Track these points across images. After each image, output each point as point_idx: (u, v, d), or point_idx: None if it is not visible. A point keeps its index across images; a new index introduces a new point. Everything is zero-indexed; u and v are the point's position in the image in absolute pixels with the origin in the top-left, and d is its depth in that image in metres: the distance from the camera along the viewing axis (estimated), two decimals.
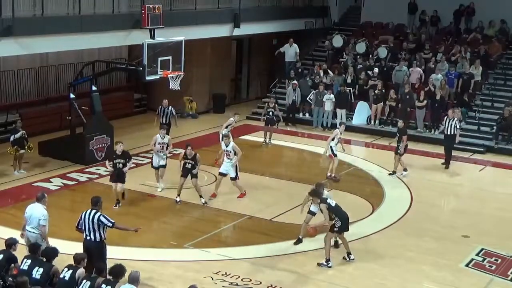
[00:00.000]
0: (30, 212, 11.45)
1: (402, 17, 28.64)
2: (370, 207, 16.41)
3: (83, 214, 11.25)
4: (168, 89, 19.04)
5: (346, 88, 24.33)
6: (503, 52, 26.05)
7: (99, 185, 16.51)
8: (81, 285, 9.59)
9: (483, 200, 17.58)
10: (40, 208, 11.43)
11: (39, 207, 11.46)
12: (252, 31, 26.40)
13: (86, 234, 11.21)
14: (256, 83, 29.88)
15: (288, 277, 12.46)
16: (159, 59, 17.97)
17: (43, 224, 11.30)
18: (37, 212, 11.38)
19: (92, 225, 11.10)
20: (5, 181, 17.23)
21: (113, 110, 23.00)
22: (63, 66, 23.38)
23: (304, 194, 17.17)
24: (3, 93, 21.90)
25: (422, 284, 12.52)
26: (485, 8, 26.89)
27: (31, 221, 11.38)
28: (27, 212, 11.51)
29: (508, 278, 12.85)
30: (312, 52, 28.86)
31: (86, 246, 11.13)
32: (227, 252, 13.48)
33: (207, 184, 17.57)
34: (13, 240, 10.60)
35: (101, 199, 11.57)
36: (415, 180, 18.78)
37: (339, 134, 18.36)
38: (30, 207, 11.56)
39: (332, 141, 18.24)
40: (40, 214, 11.32)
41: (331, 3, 30.80)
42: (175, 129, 20.67)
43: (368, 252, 13.73)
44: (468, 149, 21.94)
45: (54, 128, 21.09)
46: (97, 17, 19.21)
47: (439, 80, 23.47)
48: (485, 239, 14.61)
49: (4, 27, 16.48)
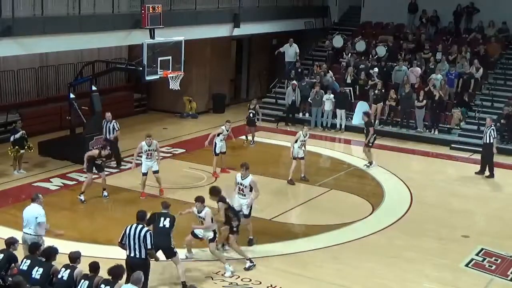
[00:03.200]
0: (26, 214, 11.44)
1: (402, 17, 28.64)
2: (370, 207, 16.40)
3: (128, 229, 10.74)
4: (168, 89, 19.06)
5: (346, 88, 24.34)
6: (503, 52, 26.05)
7: (99, 185, 16.47)
8: (79, 284, 9.58)
9: (483, 200, 17.58)
10: (35, 207, 11.43)
11: (34, 207, 11.46)
12: (252, 31, 26.40)
13: (130, 250, 10.67)
14: (256, 83, 29.88)
15: (288, 277, 12.45)
16: (159, 59, 17.95)
17: (41, 221, 11.29)
18: (32, 211, 11.37)
19: (138, 241, 10.57)
20: (5, 181, 17.23)
21: (113, 110, 22.85)
22: (63, 66, 23.37)
23: (304, 194, 17.26)
24: (3, 93, 21.90)
25: (422, 284, 12.51)
26: (485, 8, 26.90)
27: (28, 222, 11.36)
28: (24, 215, 11.49)
29: (508, 278, 12.84)
30: (312, 52, 28.87)
31: (130, 264, 10.51)
32: (227, 252, 13.46)
33: (207, 184, 17.57)
34: (13, 239, 10.60)
35: (147, 213, 11.08)
36: (415, 180, 18.79)
37: (302, 137, 18.06)
38: (26, 210, 11.54)
39: (295, 143, 18.03)
40: (36, 213, 11.31)
41: (330, 3, 30.80)
42: (175, 129, 20.62)
43: (368, 252, 13.73)
44: (468, 149, 21.94)
45: (54, 128, 21.09)
46: (97, 17, 19.21)
47: (439, 80, 23.47)
48: (485, 239, 14.60)
49: (4, 27, 16.47)
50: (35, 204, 11.51)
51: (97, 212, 15.57)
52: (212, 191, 12.79)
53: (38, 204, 11.51)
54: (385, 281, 12.50)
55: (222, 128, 18.55)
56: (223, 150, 18.51)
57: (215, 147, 18.33)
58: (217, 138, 18.37)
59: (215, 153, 18.36)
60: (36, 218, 11.28)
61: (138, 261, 10.58)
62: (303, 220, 15.45)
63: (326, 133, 23.94)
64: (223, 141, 18.47)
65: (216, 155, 18.38)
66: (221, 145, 18.43)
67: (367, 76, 24.76)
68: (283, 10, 27.67)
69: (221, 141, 18.41)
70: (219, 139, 18.37)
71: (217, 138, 18.36)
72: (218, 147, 18.35)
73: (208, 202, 12.54)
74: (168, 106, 25.89)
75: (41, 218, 11.30)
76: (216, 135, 18.43)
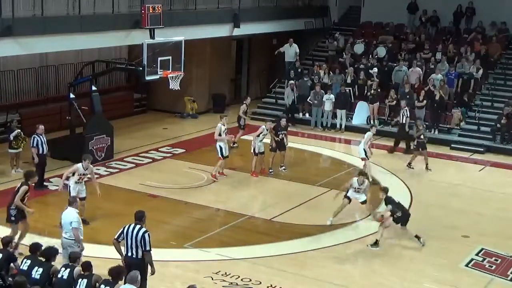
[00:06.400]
0: (64, 219, 11.47)
1: (402, 17, 28.64)
2: (370, 207, 16.38)
3: (125, 228, 10.65)
4: (168, 89, 19.06)
5: (346, 88, 24.34)
6: (503, 52, 26.05)
7: (99, 185, 16.45)
8: (78, 284, 9.59)
9: (483, 200, 17.58)
10: (71, 212, 11.45)
11: (71, 211, 11.48)
12: (252, 31, 26.39)
13: (127, 250, 10.61)
14: (256, 83, 29.87)
15: (288, 277, 12.46)
16: (159, 59, 17.97)
17: (75, 226, 11.30)
18: (68, 216, 11.40)
19: (136, 241, 10.51)
20: (5, 181, 17.21)
21: (113, 110, 22.98)
22: (63, 66, 23.36)
23: (304, 194, 17.25)
24: (3, 93, 21.88)
25: (422, 284, 12.52)
26: (485, 9, 26.89)
27: (65, 227, 11.41)
28: (62, 220, 11.51)
29: (508, 278, 12.85)
30: (312, 52, 28.87)
31: (128, 263, 10.46)
32: (227, 252, 13.48)
33: (207, 184, 17.59)
34: (9, 238, 10.61)
35: (145, 214, 10.93)
36: (415, 180, 18.79)
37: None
38: (64, 214, 11.55)
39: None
40: (72, 218, 11.33)
41: (330, 3, 30.80)
42: (175, 129, 20.60)
43: (368, 252, 13.73)
44: (468, 149, 21.94)
45: (54, 128, 21.08)
46: (97, 17, 19.20)
47: (439, 80, 23.47)
48: (485, 239, 14.61)
49: (4, 27, 16.47)
50: (72, 208, 11.52)
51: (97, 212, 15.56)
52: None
53: (74, 208, 11.51)
54: (385, 281, 12.51)
55: (262, 127, 18.60)
56: (261, 150, 18.54)
57: (255, 147, 18.39)
58: (256, 139, 18.40)
59: (255, 153, 18.41)
60: (71, 223, 11.29)
61: (135, 261, 10.56)
62: (303, 220, 15.44)
63: (326, 133, 23.94)
64: (262, 142, 18.52)
65: (255, 155, 18.43)
66: (260, 145, 18.48)
67: (366, 76, 24.76)
68: (283, 10, 27.67)
69: (260, 142, 18.45)
70: (259, 139, 18.41)
71: (257, 139, 18.40)
72: (257, 147, 18.40)
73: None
74: (168, 106, 25.89)
75: (75, 224, 11.31)
76: (256, 136, 18.48)
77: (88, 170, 14.27)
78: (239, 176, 18.58)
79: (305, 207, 16.46)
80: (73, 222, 11.29)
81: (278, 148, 18.88)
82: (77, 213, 11.54)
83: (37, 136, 16.50)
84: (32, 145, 16.47)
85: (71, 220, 11.31)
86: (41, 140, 16.55)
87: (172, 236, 14.24)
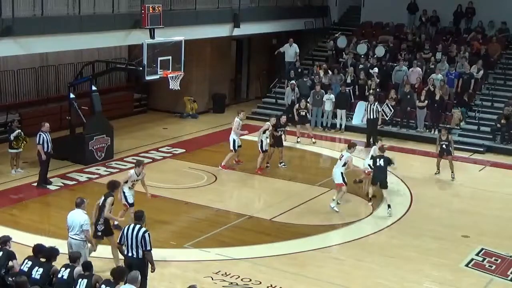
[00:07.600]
0: (72, 219, 11.40)
1: (402, 17, 28.64)
2: (370, 207, 16.39)
3: (125, 229, 10.70)
4: (168, 89, 19.05)
5: (346, 88, 24.33)
6: (503, 52, 26.05)
7: (99, 185, 16.48)
8: (78, 284, 9.58)
9: (483, 200, 17.56)
10: (80, 213, 11.38)
11: (79, 213, 11.41)
12: (252, 31, 26.39)
13: (127, 250, 10.65)
14: (256, 83, 29.88)
15: (288, 277, 12.45)
16: (159, 59, 17.96)
17: (86, 228, 11.27)
18: (78, 218, 11.33)
19: (136, 241, 10.52)
20: (5, 181, 17.22)
21: (113, 110, 22.97)
22: (63, 66, 23.36)
23: (304, 194, 17.24)
24: (3, 93, 21.88)
25: (422, 284, 12.51)
26: (485, 9, 26.89)
27: (73, 227, 11.34)
28: (68, 220, 11.45)
29: (508, 278, 12.84)
30: (312, 52, 28.86)
31: (129, 263, 10.49)
32: (227, 252, 13.48)
33: (206, 184, 17.59)
34: (7, 238, 10.61)
35: (144, 213, 10.94)
36: (415, 180, 18.78)
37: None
38: (71, 215, 11.49)
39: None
40: (82, 220, 11.27)
41: (330, 3, 30.80)
42: (175, 129, 20.61)
43: (368, 252, 13.73)
44: (468, 149, 21.94)
45: (54, 128, 21.02)
46: (97, 17, 19.20)
47: (439, 80, 23.47)
48: (485, 239, 14.60)
49: (4, 27, 16.47)
50: (80, 209, 11.46)
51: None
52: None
53: (82, 209, 11.45)
54: (385, 281, 12.50)
55: (267, 124, 18.59)
56: (266, 148, 18.58)
57: (262, 144, 18.38)
58: (263, 136, 18.40)
59: (262, 150, 18.40)
60: (82, 225, 11.23)
61: (135, 261, 10.55)
62: (303, 220, 15.44)
63: (326, 133, 23.94)
64: (267, 138, 18.51)
65: (263, 152, 18.42)
66: (267, 142, 18.51)
67: (367, 76, 24.75)
68: (283, 10, 27.65)
69: (267, 138, 18.45)
70: (265, 136, 18.41)
71: (263, 135, 18.40)
72: (265, 144, 18.41)
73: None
74: (168, 106, 25.88)
75: (86, 226, 11.27)
76: (262, 132, 18.47)
77: (141, 175, 13.84)
78: (239, 176, 18.59)
79: (305, 207, 16.46)
80: (84, 224, 11.23)
81: (276, 145, 18.89)
82: (85, 213, 11.46)
83: (43, 134, 16.56)
84: (38, 142, 16.51)
85: (82, 222, 11.24)
86: (47, 138, 16.59)
87: (172, 236, 14.23)
